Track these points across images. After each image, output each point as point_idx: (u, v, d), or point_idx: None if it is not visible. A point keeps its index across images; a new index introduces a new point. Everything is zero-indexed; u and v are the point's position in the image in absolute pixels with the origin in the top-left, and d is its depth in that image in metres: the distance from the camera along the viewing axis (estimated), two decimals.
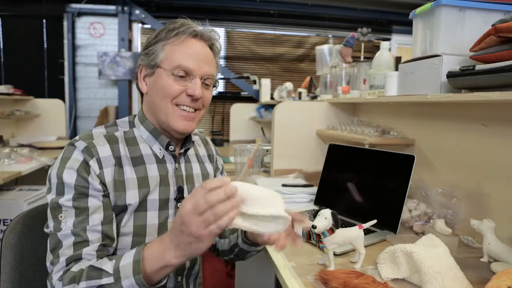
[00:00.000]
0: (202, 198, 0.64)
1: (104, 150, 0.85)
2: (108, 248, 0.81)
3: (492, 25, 0.93)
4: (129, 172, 0.88)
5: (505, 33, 0.89)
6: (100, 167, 0.83)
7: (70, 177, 0.80)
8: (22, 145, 3.17)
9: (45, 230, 0.82)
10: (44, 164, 2.58)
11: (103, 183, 0.83)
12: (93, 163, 0.82)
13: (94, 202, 0.81)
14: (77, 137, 0.87)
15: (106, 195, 0.83)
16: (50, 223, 0.80)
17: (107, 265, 0.73)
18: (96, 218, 0.80)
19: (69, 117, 4.56)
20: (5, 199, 2.15)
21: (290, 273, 0.90)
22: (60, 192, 0.80)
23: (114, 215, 0.85)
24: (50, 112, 3.68)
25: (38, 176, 2.55)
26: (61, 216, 0.79)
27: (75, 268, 0.74)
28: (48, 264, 0.79)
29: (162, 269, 0.71)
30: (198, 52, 0.90)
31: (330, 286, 0.80)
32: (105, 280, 0.71)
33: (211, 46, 0.95)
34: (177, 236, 0.68)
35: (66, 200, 0.79)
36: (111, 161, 0.85)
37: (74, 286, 0.71)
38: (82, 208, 0.79)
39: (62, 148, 3.21)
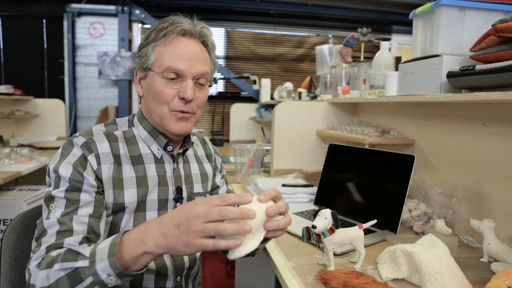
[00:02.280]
0: (217, 209, 0.63)
1: (103, 147, 0.85)
2: (91, 243, 0.79)
3: (492, 25, 0.93)
4: (128, 171, 0.88)
5: (505, 33, 0.89)
6: (98, 163, 0.83)
7: (66, 171, 0.80)
8: (22, 145, 3.17)
9: (37, 222, 0.81)
10: (44, 164, 2.58)
11: (99, 179, 0.83)
12: (91, 158, 0.82)
13: (86, 196, 0.80)
14: (76, 134, 0.87)
15: (100, 192, 0.83)
16: (44, 213, 0.80)
17: (86, 249, 0.71)
18: (85, 211, 0.79)
19: (69, 117, 4.56)
20: (5, 199, 2.15)
21: (290, 273, 0.90)
22: (56, 185, 0.80)
23: (105, 213, 0.84)
24: (50, 112, 3.68)
25: (38, 176, 2.55)
26: (51, 206, 0.78)
27: (54, 253, 0.72)
28: (31, 253, 0.76)
29: (141, 256, 0.67)
30: (188, 51, 0.88)
31: (330, 286, 0.80)
32: (80, 263, 0.68)
33: (204, 43, 0.92)
34: (170, 227, 0.65)
35: (59, 191, 0.79)
36: (110, 158, 0.85)
37: (49, 270, 0.69)
38: (73, 200, 0.79)
39: None
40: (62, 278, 0.68)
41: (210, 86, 0.96)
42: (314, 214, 0.91)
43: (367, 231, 1.16)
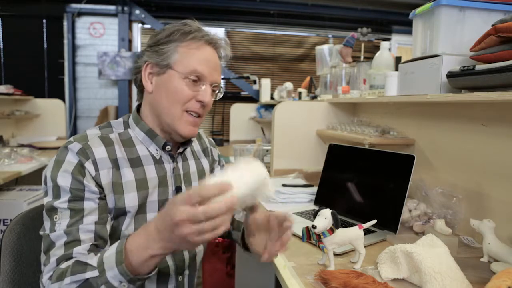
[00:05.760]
0: (201, 211, 0.60)
1: (99, 152, 0.84)
2: (100, 249, 0.80)
3: (492, 25, 0.93)
4: (128, 174, 0.87)
5: (505, 33, 0.89)
6: (96, 169, 0.82)
7: (65, 180, 0.79)
8: (22, 145, 3.17)
9: (40, 232, 0.81)
10: (44, 164, 2.58)
11: (99, 185, 0.82)
12: (88, 165, 0.81)
13: (90, 204, 0.80)
14: (71, 139, 0.85)
15: (102, 198, 0.82)
16: (46, 224, 0.79)
17: (93, 259, 0.72)
18: (90, 219, 0.79)
19: (69, 117, 4.56)
20: (5, 199, 2.15)
21: (290, 273, 0.90)
22: (56, 195, 0.79)
23: (110, 217, 0.84)
24: (50, 112, 3.68)
25: (38, 176, 2.54)
26: (56, 218, 0.78)
27: (64, 265, 0.73)
28: (41, 265, 0.78)
29: (149, 260, 0.68)
30: (211, 59, 0.91)
31: (330, 286, 0.80)
32: (90, 274, 0.69)
33: (219, 55, 0.96)
34: (167, 234, 0.65)
35: (62, 202, 0.78)
36: (108, 163, 0.84)
37: (61, 283, 0.70)
38: (78, 209, 0.79)
39: None
40: None
41: (219, 93, 0.99)
42: (314, 214, 0.91)
43: (367, 231, 1.16)
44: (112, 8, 4.55)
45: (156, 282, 0.90)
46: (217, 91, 0.96)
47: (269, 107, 3.74)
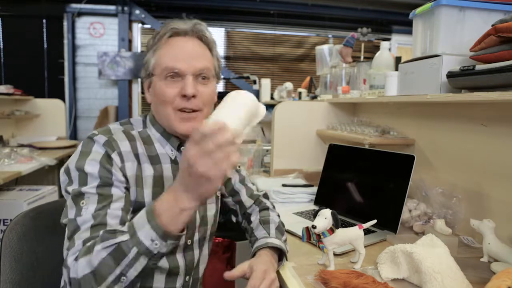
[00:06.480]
0: (209, 141, 0.64)
1: (124, 145, 0.85)
2: None
3: (492, 25, 0.93)
4: (148, 170, 0.88)
5: (505, 33, 0.89)
6: (122, 161, 0.83)
7: (93, 168, 0.79)
8: (22, 145, 3.17)
9: (63, 221, 0.79)
10: (44, 164, 2.58)
11: (125, 176, 0.83)
12: (115, 156, 0.82)
13: (117, 191, 0.80)
14: (95, 131, 0.86)
15: (127, 188, 0.83)
16: (71, 211, 0.78)
17: (122, 227, 0.72)
18: (117, 205, 0.79)
19: (69, 117, 4.56)
20: (5, 199, 2.15)
21: (290, 273, 0.90)
22: (83, 182, 0.79)
23: (131, 209, 0.84)
24: (50, 112, 3.68)
25: (38, 176, 2.56)
26: (82, 203, 0.77)
27: (90, 243, 0.72)
28: (64, 252, 0.76)
29: (179, 215, 0.69)
30: (184, 49, 0.88)
31: (330, 286, 0.80)
32: (121, 238, 0.69)
33: (201, 39, 0.92)
34: (185, 178, 0.67)
35: (90, 187, 0.78)
36: (131, 157, 0.85)
37: (90, 256, 0.69)
38: (106, 195, 0.78)
39: (62, 148, 3.16)
40: (105, 257, 0.68)
41: (217, 82, 0.97)
42: (314, 214, 0.91)
43: (367, 231, 1.16)
44: (112, 8, 4.56)
45: (165, 282, 0.91)
46: (209, 77, 0.91)
47: (269, 107, 3.74)
